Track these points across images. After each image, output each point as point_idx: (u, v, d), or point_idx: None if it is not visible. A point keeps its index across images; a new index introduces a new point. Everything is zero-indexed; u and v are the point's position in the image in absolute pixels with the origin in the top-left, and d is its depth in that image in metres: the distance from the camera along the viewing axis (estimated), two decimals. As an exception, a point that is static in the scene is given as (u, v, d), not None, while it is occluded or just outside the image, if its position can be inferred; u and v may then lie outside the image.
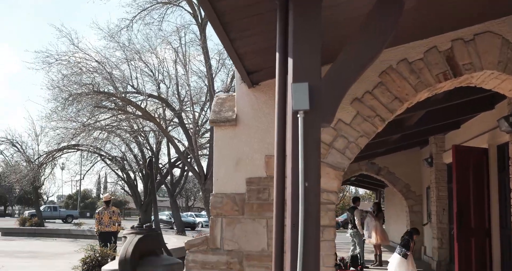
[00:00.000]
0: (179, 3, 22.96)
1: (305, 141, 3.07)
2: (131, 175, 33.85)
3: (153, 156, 30.24)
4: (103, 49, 36.03)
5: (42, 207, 47.81)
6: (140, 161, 31.36)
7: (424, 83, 5.52)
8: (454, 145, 10.35)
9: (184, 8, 23.08)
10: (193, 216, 47.34)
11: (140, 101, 24.07)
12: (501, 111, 9.21)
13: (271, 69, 3.58)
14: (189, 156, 25.06)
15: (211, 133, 22.46)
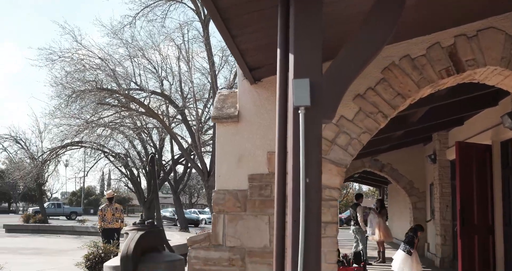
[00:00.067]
0: (182, 0, 22.98)
1: (306, 137, 3.06)
2: (134, 171, 33.93)
3: (155, 152, 30.28)
4: (106, 46, 36.21)
5: (46, 204, 47.95)
6: (144, 158, 31.43)
7: (426, 79, 5.50)
8: (457, 142, 10.32)
9: (187, 5, 23.10)
10: (196, 213, 47.41)
11: (143, 98, 24.12)
12: (504, 107, 9.18)
13: (273, 65, 3.57)
14: (192, 153, 25.09)
15: (214, 130, 22.47)
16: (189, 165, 30.44)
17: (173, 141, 28.57)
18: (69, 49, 24.48)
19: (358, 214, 14.74)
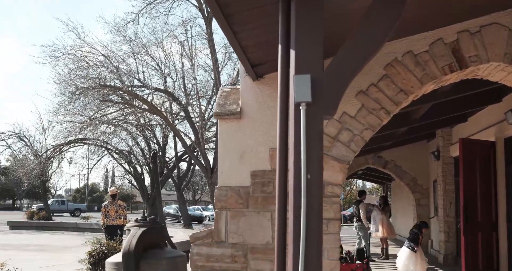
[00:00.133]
0: (185, -4, 22.97)
1: (307, 133, 3.05)
2: (138, 168, 33.96)
3: (156, 149, 30.29)
4: (109, 43, 36.22)
5: (50, 201, 48.10)
6: (147, 155, 31.46)
7: (429, 75, 5.47)
8: (460, 138, 10.30)
9: (190, 2, 23.07)
10: (200, 210, 47.45)
11: (146, 95, 24.13)
12: (508, 104, 9.16)
13: (275, 62, 3.56)
14: (195, 150, 25.10)
15: (217, 127, 22.50)
16: (192, 161, 30.46)
17: (176, 138, 28.57)
18: (72, 46, 24.51)
19: (361, 211, 14.72)
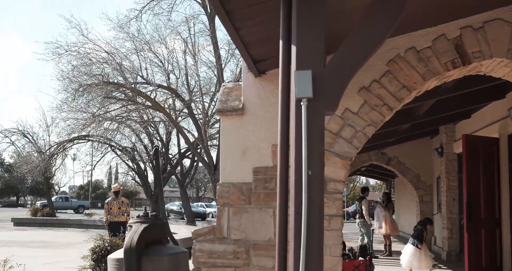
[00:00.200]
0: (188, -7, 22.95)
1: (308, 129, 3.04)
2: (141, 165, 34.01)
3: (159, 145, 30.31)
4: (112, 40, 36.28)
5: (53, 198, 48.23)
6: (150, 152, 31.50)
7: (432, 71, 5.45)
8: (464, 135, 10.27)
9: (193, -2, 23.06)
10: (203, 207, 47.50)
11: (149, 92, 24.15)
12: (512, 100, 9.13)
13: (277, 58, 3.55)
14: (199, 147, 25.11)
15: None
16: (195, 158, 30.49)
17: (179, 135, 28.61)
18: (75, 43, 24.55)
19: (363, 207, 14.71)
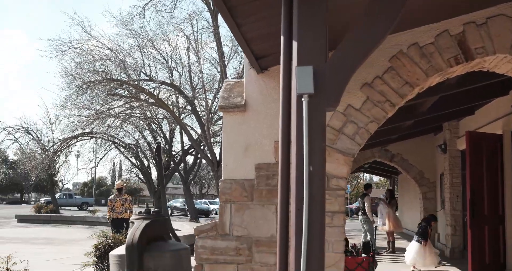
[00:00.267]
0: (191, -10, 22.93)
1: (309, 125, 3.03)
2: (144, 162, 34.04)
3: (162, 142, 30.33)
4: (115, 37, 36.24)
5: (57, 195, 48.33)
6: (154, 148, 31.53)
7: (435, 67, 5.43)
8: (467, 131, 10.24)
9: (196, -5, 23.02)
10: (207, 203, 47.47)
11: (153, 89, 24.16)
12: (515, 96, 9.10)
13: (279, 54, 3.53)
14: (202, 143, 25.13)
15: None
16: (199, 155, 30.51)
17: (183, 132, 28.62)
18: (78, 40, 24.60)
19: (365, 204, 14.69)
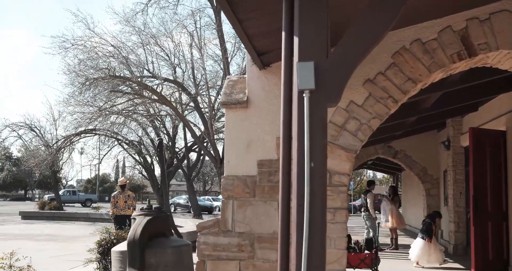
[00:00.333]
0: (194, -14, 22.89)
1: (311, 121, 3.02)
2: (148, 159, 34.07)
3: (162, 138, 30.35)
4: (118, 34, 36.17)
5: (61, 191, 48.44)
6: (156, 145, 31.56)
7: (438, 63, 5.41)
8: (470, 128, 10.21)
9: (199, -9, 22.99)
10: (210, 200, 47.47)
11: (156, 86, 24.15)
12: (519, 92, 9.06)
13: (281, 50, 3.51)
14: (205, 140, 25.12)
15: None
16: (202, 152, 30.51)
17: (186, 128, 28.63)
18: (82, 37, 24.61)
19: (368, 201, 14.68)
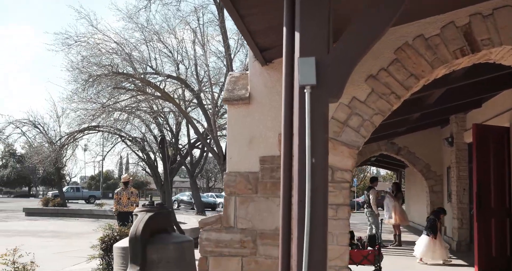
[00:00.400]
0: (197, -18, 22.88)
1: (312, 116, 3.00)
2: (151, 155, 34.10)
3: (164, 134, 30.38)
4: (121, 31, 36.09)
5: (65, 188, 48.51)
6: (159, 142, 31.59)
7: (440, 59, 5.38)
8: (474, 124, 10.18)
9: (202, -12, 22.96)
10: (213, 197, 47.50)
11: (159, 82, 24.16)
12: (523, 89, 9.02)
13: (283, 46, 3.50)
14: (208, 137, 25.13)
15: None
16: (205, 148, 30.53)
17: (189, 125, 28.64)
18: (85, 33, 24.65)
19: (371, 197, 14.67)
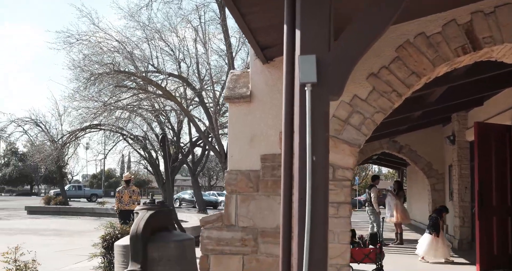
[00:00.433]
0: (199, -19, 22.87)
1: (312, 114, 3.00)
2: (153, 154, 34.12)
3: (165, 132, 30.39)
4: (123, 29, 36.35)
5: (66, 186, 48.60)
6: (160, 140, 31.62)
7: (442, 57, 5.37)
8: (476, 122, 10.16)
9: (204, -14, 22.96)
10: (215, 195, 47.53)
11: (160, 81, 24.18)
12: (524, 87, 9.00)
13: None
14: (210, 135, 25.13)
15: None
16: (207, 147, 30.53)
17: (190, 123, 28.65)
18: (86, 32, 24.65)
19: (372, 195, 14.66)
